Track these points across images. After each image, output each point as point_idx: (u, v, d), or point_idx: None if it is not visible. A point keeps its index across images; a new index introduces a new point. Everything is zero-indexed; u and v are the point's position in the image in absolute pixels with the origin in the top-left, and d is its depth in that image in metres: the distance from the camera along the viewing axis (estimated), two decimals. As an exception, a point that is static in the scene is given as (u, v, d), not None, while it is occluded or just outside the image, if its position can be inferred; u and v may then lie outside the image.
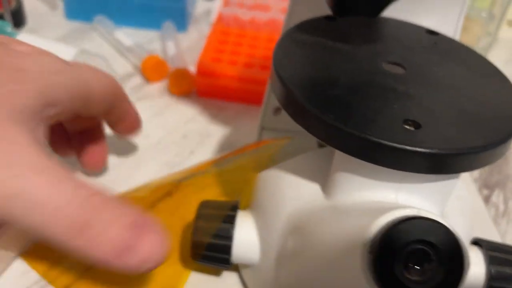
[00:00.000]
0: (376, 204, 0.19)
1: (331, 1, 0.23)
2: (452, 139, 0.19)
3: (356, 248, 0.17)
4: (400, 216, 0.17)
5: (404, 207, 0.17)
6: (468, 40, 0.49)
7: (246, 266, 0.26)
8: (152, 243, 0.20)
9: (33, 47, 0.24)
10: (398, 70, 0.23)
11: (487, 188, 0.37)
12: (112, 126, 0.31)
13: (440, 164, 0.18)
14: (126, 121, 0.31)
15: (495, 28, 0.48)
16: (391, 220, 0.17)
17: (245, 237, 0.25)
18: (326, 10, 0.26)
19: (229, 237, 0.24)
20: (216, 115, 0.42)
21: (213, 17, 0.53)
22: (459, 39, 0.29)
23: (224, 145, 0.38)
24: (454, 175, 0.20)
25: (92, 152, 0.32)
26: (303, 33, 0.25)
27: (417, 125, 0.19)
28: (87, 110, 0.26)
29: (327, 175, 0.22)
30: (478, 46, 0.49)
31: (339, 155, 0.20)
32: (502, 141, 0.19)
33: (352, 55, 0.24)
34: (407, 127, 0.19)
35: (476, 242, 0.26)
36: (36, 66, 0.22)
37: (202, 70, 0.41)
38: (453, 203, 0.22)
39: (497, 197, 0.37)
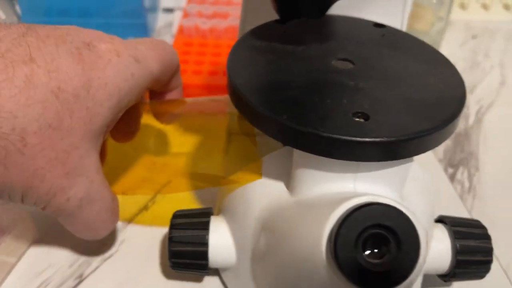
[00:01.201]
0: (335, 196, 0.20)
1: (275, 6, 0.24)
2: (399, 126, 0.20)
3: (319, 240, 0.18)
4: (356, 204, 0.18)
5: (361, 195, 0.18)
6: (422, 27, 0.51)
7: (226, 269, 0.27)
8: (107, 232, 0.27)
9: (112, 43, 0.24)
10: (348, 66, 0.24)
11: (452, 167, 0.39)
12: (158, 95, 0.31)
13: (390, 150, 0.19)
14: (174, 91, 0.31)
15: (446, 12, 0.50)
16: (348, 209, 0.18)
17: (220, 242, 0.25)
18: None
19: (204, 243, 0.25)
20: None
21: (175, 29, 0.54)
22: (405, 29, 0.30)
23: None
24: (406, 159, 0.21)
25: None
26: (255, 39, 0.26)
27: (366, 117, 0.20)
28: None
29: (290, 173, 0.23)
30: (432, 32, 0.51)
31: (296, 152, 0.21)
32: (446, 122, 0.20)
33: (303, 56, 0.25)
34: (357, 119, 0.20)
35: (441, 220, 0.27)
36: (113, 72, 0.23)
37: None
38: (410, 185, 0.23)
39: (461, 174, 0.38)
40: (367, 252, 0.18)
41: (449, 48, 0.56)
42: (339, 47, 0.26)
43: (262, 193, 0.24)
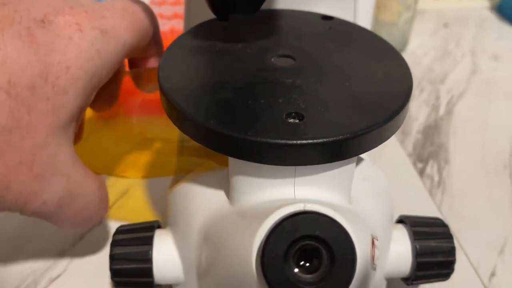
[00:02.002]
0: (271, 204, 0.18)
1: (208, 3, 0.23)
2: (336, 126, 0.18)
3: (249, 253, 0.17)
4: (286, 213, 0.16)
5: (291, 203, 0.17)
6: (388, 18, 0.49)
7: (177, 285, 0.25)
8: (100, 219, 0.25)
9: (72, 14, 0.21)
10: (288, 63, 0.23)
11: (421, 161, 0.38)
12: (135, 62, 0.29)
13: (326, 152, 0.18)
14: (156, 58, 0.28)
15: (413, 1, 0.49)
16: (277, 220, 0.16)
17: (165, 257, 0.24)
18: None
19: (148, 260, 0.23)
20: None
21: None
22: (369, 21, 0.29)
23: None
24: (349, 159, 0.19)
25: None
26: (193, 38, 0.25)
27: (300, 117, 0.19)
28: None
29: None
30: (400, 22, 0.50)
31: (230, 159, 0.20)
32: (388, 119, 0.19)
33: (242, 55, 0.23)
34: (291, 120, 0.19)
35: (402, 220, 0.26)
36: (75, 52, 0.20)
37: (129, 88, 0.40)
38: (361, 186, 0.22)
39: (431, 168, 0.37)
40: (301, 265, 0.16)
41: (419, 38, 0.54)
42: (281, 42, 0.24)
43: (204, 203, 0.22)
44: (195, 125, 0.19)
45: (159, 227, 0.25)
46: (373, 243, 0.19)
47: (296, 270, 0.16)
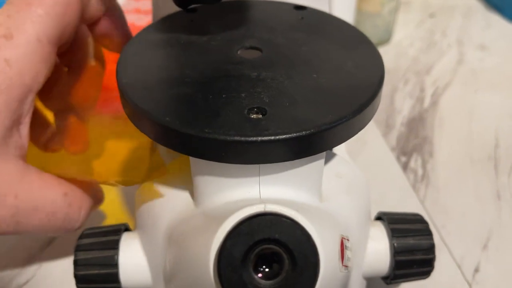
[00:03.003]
0: (233, 205, 0.17)
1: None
2: (300, 121, 0.17)
3: (206, 258, 0.16)
4: (245, 215, 0.15)
5: (250, 204, 0.16)
6: (371, 8, 0.48)
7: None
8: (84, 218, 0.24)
9: None
10: (255, 55, 0.22)
11: (404, 155, 0.37)
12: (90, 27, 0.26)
13: (289, 149, 0.17)
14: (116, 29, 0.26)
15: (397, -9, 0.48)
16: (236, 222, 0.15)
17: (132, 261, 0.23)
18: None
19: (114, 264, 0.22)
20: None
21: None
22: (351, 13, 0.28)
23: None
24: (316, 156, 0.18)
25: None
26: (157, 32, 0.23)
27: (263, 112, 0.18)
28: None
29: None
30: (384, 12, 0.48)
31: (192, 159, 0.19)
32: (355, 112, 0.18)
33: (207, 47, 0.22)
34: (253, 115, 0.18)
35: (380, 217, 0.25)
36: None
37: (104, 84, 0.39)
38: (333, 183, 0.21)
39: (415, 162, 0.36)
40: (261, 271, 0.15)
41: (404, 29, 0.53)
42: (249, 34, 0.23)
43: (170, 204, 0.21)
44: (150, 122, 0.18)
45: (126, 230, 0.24)
46: (342, 244, 0.18)
47: (255, 275, 0.15)
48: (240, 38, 0.23)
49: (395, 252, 0.23)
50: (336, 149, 0.27)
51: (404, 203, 0.32)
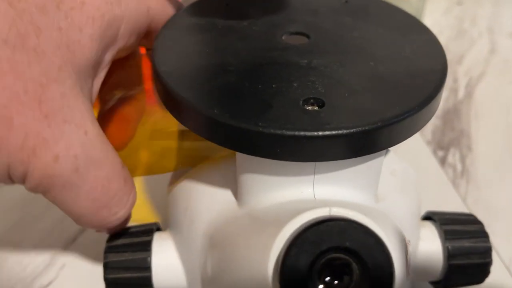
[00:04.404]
0: (288, 206, 0.16)
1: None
2: (362, 113, 0.15)
3: (264, 267, 0.14)
4: (308, 220, 0.13)
5: (312, 208, 0.14)
6: (401, -5, 0.46)
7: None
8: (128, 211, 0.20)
9: None
10: (302, 41, 0.20)
11: (441, 149, 0.35)
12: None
13: (352, 145, 0.15)
14: None
15: (427, -23, 0.45)
16: (297, 228, 0.13)
17: (166, 263, 0.21)
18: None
19: (147, 268, 0.21)
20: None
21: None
22: None
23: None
24: (374, 154, 0.17)
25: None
26: (192, 15, 0.22)
27: (320, 103, 0.16)
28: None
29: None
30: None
31: (238, 154, 0.17)
32: (424, 103, 0.16)
33: (248, 33, 0.20)
34: (309, 107, 0.16)
35: (429, 217, 0.23)
36: None
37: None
38: (388, 181, 0.19)
39: (453, 156, 0.34)
40: (327, 281, 0.13)
41: (432, 17, 0.51)
42: (292, 18, 0.21)
43: (208, 204, 0.19)
44: (195, 114, 0.16)
45: (158, 229, 0.23)
46: (407, 249, 0.16)
47: (321, 287, 0.13)
48: (282, 22, 0.21)
49: (449, 255, 0.21)
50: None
51: (445, 200, 0.31)
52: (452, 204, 0.30)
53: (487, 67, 0.44)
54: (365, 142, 0.15)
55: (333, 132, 0.15)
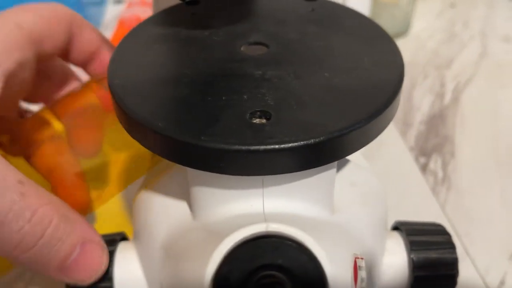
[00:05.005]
0: (231, 222, 0.16)
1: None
2: (309, 126, 0.15)
3: (201, 284, 0.14)
4: (242, 237, 0.13)
5: (250, 223, 0.14)
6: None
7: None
8: (94, 260, 0.20)
9: None
10: (261, 51, 0.20)
11: (423, 155, 0.34)
12: (84, 67, 0.25)
13: (298, 158, 0.15)
14: (98, 57, 0.25)
15: (416, -20, 0.45)
16: (233, 245, 0.13)
17: (128, 274, 0.21)
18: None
19: (108, 278, 0.21)
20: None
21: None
22: (344, 1, 0.26)
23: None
24: (325, 165, 0.16)
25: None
26: (155, 26, 0.22)
27: (268, 116, 0.16)
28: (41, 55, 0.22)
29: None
30: (402, 3, 0.46)
31: (188, 168, 0.17)
32: (372, 116, 0.16)
33: (209, 43, 0.20)
34: (256, 120, 0.16)
35: (398, 227, 0.23)
36: None
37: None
38: (347, 192, 0.19)
39: (435, 163, 0.34)
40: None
41: (423, 20, 0.51)
42: (256, 28, 0.21)
43: (165, 216, 0.19)
44: (141, 128, 0.16)
45: (123, 239, 0.23)
46: (355, 264, 0.16)
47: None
48: (244, 32, 0.21)
49: (414, 267, 0.21)
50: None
51: (423, 208, 0.30)
52: (431, 212, 0.30)
53: (476, 71, 0.43)
54: (309, 156, 0.15)
55: (276, 146, 0.14)
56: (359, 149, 0.16)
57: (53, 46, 0.22)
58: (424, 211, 0.30)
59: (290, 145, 0.15)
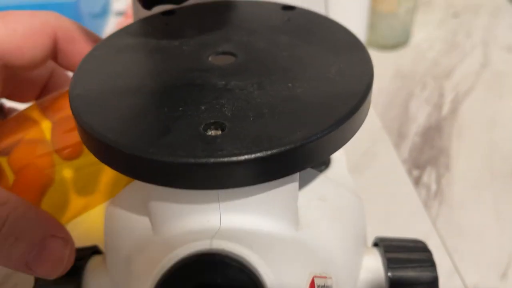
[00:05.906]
0: (182, 238, 0.15)
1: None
2: (262, 138, 0.15)
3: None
4: (182, 256, 0.13)
5: (194, 240, 0.13)
6: (388, 9, 0.45)
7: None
8: (56, 254, 0.20)
9: None
10: (228, 61, 0.19)
11: (417, 168, 0.33)
12: None
13: (250, 171, 0.14)
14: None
15: (415, -10, 0.44)
16: (169, 266, 0.13)
17: (97, 288, 0.21)
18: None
19: (76, 293, 0.20)
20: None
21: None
22: (365, 14, 0.25)
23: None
24: (284, 178, 0.16)
25: None
26: (127, 36, 0.21)
27: (222, 128, 0.15)
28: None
29: (151, 204, 0.18)
30: (400, 12, 0.45)
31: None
32: (330, 128, 0.15)
33: (176, 53, 0.20)
34: (211, 132, 0.15)
35: (377, 243, 0.22)
36: None
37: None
38: (315, 207, 0.18)
39: (428, 176, 0.33)
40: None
41: (424, 30, 0.50)
42: (225, 37, 0.21)
43: (129, 230, 0.19)
44: (93, 140, 0.15)
45: (96, 252, 0.22)
46: (313, 284, 0.15)
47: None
48: (214, 42, 0.20)
49: (391, 285, 0.20)
50: (335, 163, 0.25)
51: (413, 223, 0.29)
52: (421, 227, 0.29)
53: (477, 81, 0.42)
54: (261, 169, 0.14)
55: (225, 160, 0.14)
56: (317, 162, 0.15)
57: (25, 59, 0.22)
58: (414, 226, 0.29)
59: (240, 158, 0.14)
